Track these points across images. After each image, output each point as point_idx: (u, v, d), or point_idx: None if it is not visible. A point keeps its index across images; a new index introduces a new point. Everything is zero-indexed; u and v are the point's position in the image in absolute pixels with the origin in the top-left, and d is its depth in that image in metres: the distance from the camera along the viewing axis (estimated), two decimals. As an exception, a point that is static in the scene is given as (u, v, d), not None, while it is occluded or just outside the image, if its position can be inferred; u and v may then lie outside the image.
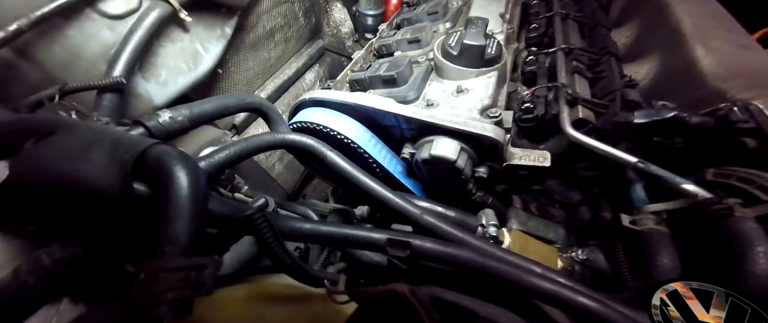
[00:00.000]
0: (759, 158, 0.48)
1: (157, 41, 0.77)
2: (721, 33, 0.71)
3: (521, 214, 0.80)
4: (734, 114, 0.45)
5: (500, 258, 0.46)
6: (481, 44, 0.77)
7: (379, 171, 0.82)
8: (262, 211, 0.31)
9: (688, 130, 0.48)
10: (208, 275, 0.26)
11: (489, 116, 0.70)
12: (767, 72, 0.61)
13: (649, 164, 0.49)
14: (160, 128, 0.44)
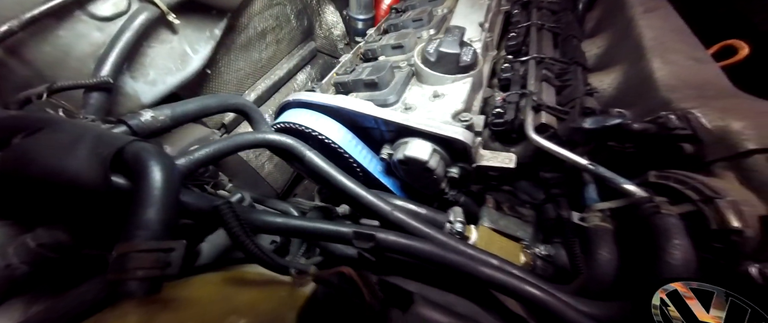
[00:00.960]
0: (695, 162, 0.53)
1: (146, 42, 0.80)
2: (679, 46, 0.76)
3: (493, 213, 0.84)
4: (671, 121, 0.50)
5: (459, 251, 0.50)
6: (456, 52, 0.82)
7: (360, 171, 0.86)
8: (229, 203, 0.34)
9: (633, 136, 0.53)
10: (175, 256, 0.29)
11: (460, 120, 0.74)
12: (714, 84, 0.66)
13: (598, 167, 0.54)
14: (142, 127, 0.48)
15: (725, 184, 0.48)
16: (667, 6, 0.93)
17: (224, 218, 0.33)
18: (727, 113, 0.52)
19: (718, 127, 0.50)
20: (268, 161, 1.56)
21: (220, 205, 0.34)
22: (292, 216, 0.50)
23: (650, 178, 0.53)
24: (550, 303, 0.41)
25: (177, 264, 0.29)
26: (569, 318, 0.39)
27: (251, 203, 0.69)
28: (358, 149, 0.86)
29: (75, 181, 0.32)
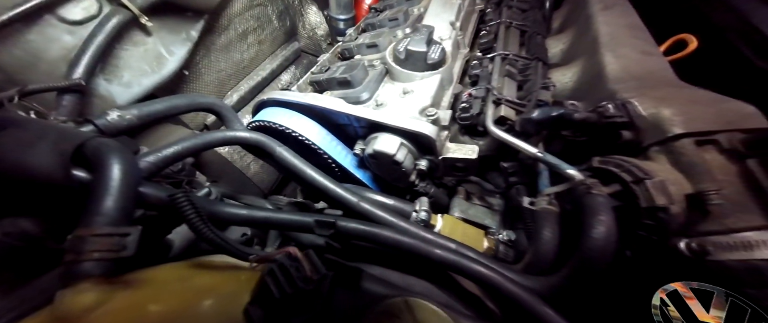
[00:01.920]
0: (634, 147, 0.58)
1: (119, 44, 0.81)
2: (630, 41, 0.81)
3: (463, 203, 0.88)
4: (609, 110, 0.54)
5: (415, 236, 0.54)
6: (423, 50, 0.85)
7: (335, 167, 0.89)
8: (185, 193, 0.37)
9: (577, 125, 0.57)
10: (130, 240, 0.32)
11: (427, 115, 0.78)
12: (658, 75, 0.71)
13: (547, 155, 0.58)
14: (109, 126, 0.50)
15: (657, 166, 0.53)
16: (624, 3, 0.98)
17: (180, 206, 0.36)
18: (661, 102, 0.56)
19: (652, 114, 0.55)
20: (254, 162, 1.57)
21: (175, 194, 0.37)
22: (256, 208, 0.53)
23: (594, 163, 0.57)
24: (492, 277, 0.44)
25: (132, 247, 0.32)
26: (506, 290, 0.42)
27: (220, 197, 0.71)
28: (333, 145, 0.89)
29: (37, 174, 0.35)
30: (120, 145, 0.38)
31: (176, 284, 0.36)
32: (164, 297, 0.34)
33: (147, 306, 0.31)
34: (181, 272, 0.39)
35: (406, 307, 0.31)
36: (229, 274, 0.41)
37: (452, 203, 0.89)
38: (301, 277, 0.31)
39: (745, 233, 0.47)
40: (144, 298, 0.32)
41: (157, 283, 0.35)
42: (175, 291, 0.35)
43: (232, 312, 0.35)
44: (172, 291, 0.35)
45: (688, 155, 0.51)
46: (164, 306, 0.33)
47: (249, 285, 0.38)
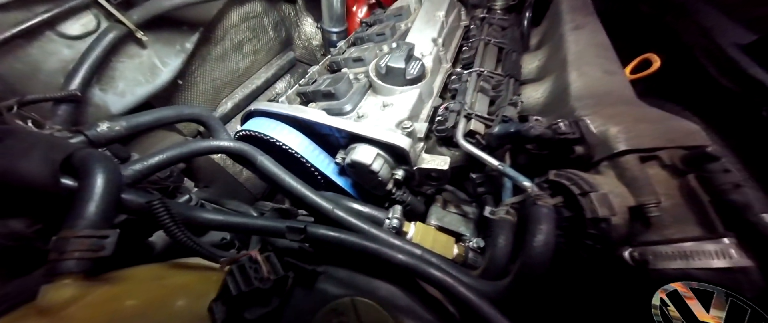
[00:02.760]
0: (586, 162, 0.62)
1: (115, 57, 0.87)
2: (595, 60, 0.87)
3: (440, 211, 0.93)
4: (560, 127, 0.59)
5: (381, 242, 0.57)
6: (401, 67, 0.91)
7: (318, 175, 0.93)
8: (161, 199, 0.41)
9: (532, 139, 0.62)
10: (109, 242, 0.36)
11: (403, 127, 0.83)
12: (616, 94, 0.76)
13: (506, 167, 0.63)
14: (98, 136, 0.54)
15: (603, 180, 0.57)
16: (595, 23, 1.04)
17: (156, 212, 0.40)
18: (610, 119, 0.61)
19: (601, 131, 0.60)
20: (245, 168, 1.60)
21: (151, 200, 0.41)
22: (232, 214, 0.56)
23: (550, 176, 0.62)
24: (445, 281, 0.48)
25: (110, 248, 0.36)
26: (457, 292, 0.46)
27: (200, 203, 0.75)
28: (316, 155, 0.94)
29: (29, 181, 0.39)
30: (105, 155, 0.42)
31: (151, 282, 0.40)
32: (139, 293, 0.38)
33: (123, 300, 0.35)
34: (157, 271, 0.43)
35: (351, 306, 0.35)
36: (201, 274, 0.45)
37: (430, 212, 0.93)
38: (258, 277, 0.35)
39: (683, 243, 0.52)
40: (120, 293, 0.36)
41: (133, 281, 0.39)
42: (150, 288, 0.39)
43: (201, 309, 0.39)
44: (147, 288, 0.39)
45: (631, 170, 0.56)
46: (139, 301, 0.36)
47: (218, 285, 0.42)
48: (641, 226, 0.54)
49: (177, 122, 0.72)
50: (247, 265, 0.35)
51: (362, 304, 0.35)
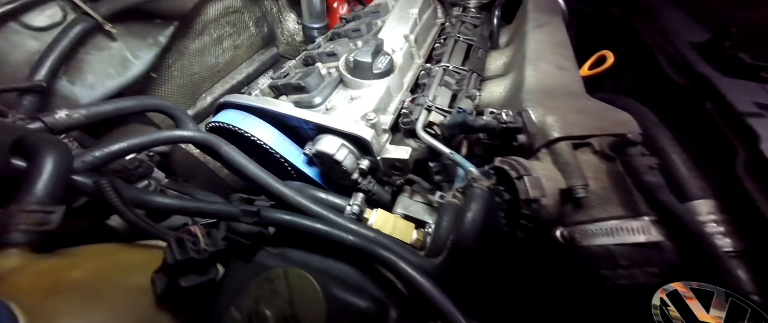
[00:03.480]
0: (527, 149, 0.67)
1: (84, 49, 0.88)
2: (551, 57, 0.92)
3: (406, 200, 0.97)
4: (502, 117, 0.63)
5: (333, 224, 0.61)
6: (368, 61, 0.94)
7: (288, 166, 0.96)
8: (110, 182, 0.43)
9: (478, 129, 0.66)
10: (54, 217, 0.39)
11: (367, 119, 0.86)
12: (565, 88, 0.81)
13: (454, 155, 0.67)
14: (56, 123, 0.56)
15: (540, 165, 0.62)
16: (556, 23, 1.09)
17: (104, 192, 0.43)
18: (550, 110, 0.66)
19: (540, 121, 0.64)
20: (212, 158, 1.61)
21: (100, 181, 0.44)
22: (187, 198, 0.59)
23: (495, 162, 0.66)
24: (387, 258, 0.52)
25: (55, 222, 0.39)
26: (397, 267, 0.50)
27: (160, 189, 0.78)
28: (285, 146, 0.97)
29: (-20, 162, 0.41)
30: (56, 139, 0.45)
31: (100, 257, 0.43)
32: (86, 266, 0.40)
33: (68, 271, 0.38)
34: (107, 248, 0.45)
35: (283, 274, 0.38)
36: (151, 253, 0.47)
37: (397, 201, 0.97)
38: (195, 249, 0.38)
39: (606, 222, 0.56)
40: (66, 265, 0.39)
41: (81, 255, 0.42)
42: (97, 262, 0.42)
43: (146, 283, 0.41)
44: (94, 262, 0.41)
45: (564, 155, 0.60)
46: (84, 273, 0.39)
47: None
48: (572, 207, 0.58)
49: (139, 111, 0.74)
50: (185, 238, 0.38)
51: (293, 272, 0.39)
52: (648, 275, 0.51)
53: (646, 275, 0.51)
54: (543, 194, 0.56)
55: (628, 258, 0.52)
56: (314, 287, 0.37)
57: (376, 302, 0.45)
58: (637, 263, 0.51)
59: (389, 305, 0.48)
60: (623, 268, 0.52)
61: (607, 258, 0.53)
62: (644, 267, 0.51)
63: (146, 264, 0.46)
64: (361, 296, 0.41)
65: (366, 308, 0.39)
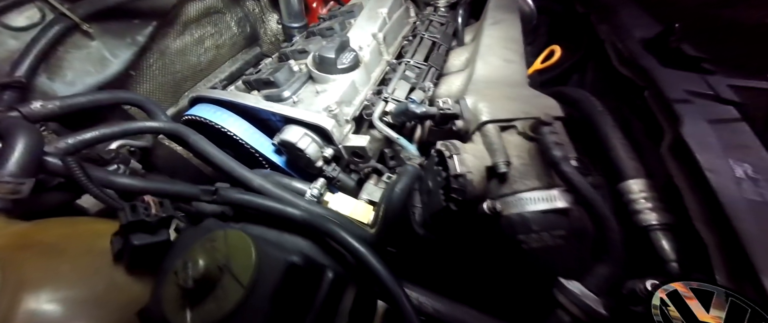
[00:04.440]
0: (464, 133, 0.75)
1: (63, 48, 0.94)
2: (500, 52, 1.00)
3: (371, 187, 1.03)
4: (439, 104, 0.71)
5: (286, 203, 0.68)
6: (331, 57, 1.02)
7: (258, 156, 1.03)
8: (77, 162, 0.50)
9: (419, 116, 0.73)
10: (25, 188, 0.45)
11: (329, 110, 0.93)
12: (507, 79, 0.89)
13: (400, 139, 0.74)
14: (31, 113, 0.63)
15: (472, 146, 0.69)
16: (511, 20, 1.17)
17: (71, 170, 0.49)
18: (483, 98, 0.73)
19: (473, 107, 0.72)
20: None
21: (68, 161, 0.50)
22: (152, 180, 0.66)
23: (437, 146, 0.74)
24: (330, 229, 0.59)
25: (26, 191, 0.45)
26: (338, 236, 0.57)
27: (129, 172, 0.84)
28: (256, 137, 1.03)
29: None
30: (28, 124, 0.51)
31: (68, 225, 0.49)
32: (54, 231, 0.47)
33: (37, 234, 0.45)
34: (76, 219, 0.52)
35: (223, 235, 0.45)
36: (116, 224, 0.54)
37: (363, 188, 1.04)
38: (146, 213, 0.44)
39: (524, 193, 0.64)
40: (36, 230, 0.45)
41: (50, 223, 0.48)
42: (65, 228, 0.48)
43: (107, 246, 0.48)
44: (62, 229, 0.48)
45: (491, 136, 0.68)
46: (52, 236, 0.46)
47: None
48: (496, 182, 0.66)
49: (113, 104, 0.81)
50: (138, 204, 0.45)
51: (233, 233, 0.45)
52: (555, 238, 0.58)
53: (554, 238, 0.58)
54: (469, 170, 0.64)
55: (539, 224, 0.59)
56: (249, 244, 0.44)
57: (310, 261, 0.52)
58: (546, 227, 0.59)
59: (327, 267, 0.55)
60: (535, 232, 0.59)
61: (522, 225, 0.61)
62: (552, 231, 0.59)
63: (109, 231, 0.53)
64: (295, 255, 0.48)
65: (296, 263, 0.45)
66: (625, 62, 1.14)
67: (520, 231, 0.61)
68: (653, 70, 1.04)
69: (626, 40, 1.19)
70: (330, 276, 0.54)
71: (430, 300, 0.69)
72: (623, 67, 1.14)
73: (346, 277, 0.62)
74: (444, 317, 0.66)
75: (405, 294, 0.53)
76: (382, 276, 0.54)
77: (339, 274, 0.56)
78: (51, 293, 0.38)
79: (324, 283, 0.53)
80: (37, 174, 0.49)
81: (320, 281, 0.53)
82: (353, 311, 0.62)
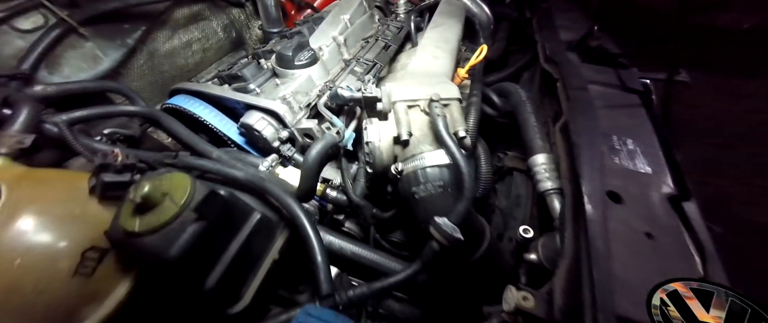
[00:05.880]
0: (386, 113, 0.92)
1: (61, 47, 1.13)
2: (432, 50, 1.18)
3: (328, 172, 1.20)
4: (363, 90, 0.89)
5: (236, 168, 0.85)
6: (288, 54, 1.20)
7: (227, 139, 1.21)
8: (67, 123, 0.67)
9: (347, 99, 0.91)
10: (27, 140, 0.62)
11: (282, 98, 1.11)
12: (429, 71, 1.07)
13: (333, 117, 0.92)
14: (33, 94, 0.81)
15: (387, 122, 0.87)
16: (449, 24, 1.37)
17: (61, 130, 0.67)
18: (399, 83, 0.91)
19: (390, 91, 0.90)
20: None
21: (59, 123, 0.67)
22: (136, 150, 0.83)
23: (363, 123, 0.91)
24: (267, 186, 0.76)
25: (28, 143, 0.63)
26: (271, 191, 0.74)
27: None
28: (223, 122, 1.21)
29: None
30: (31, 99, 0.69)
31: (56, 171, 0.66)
32: (49, 173, 0.64)
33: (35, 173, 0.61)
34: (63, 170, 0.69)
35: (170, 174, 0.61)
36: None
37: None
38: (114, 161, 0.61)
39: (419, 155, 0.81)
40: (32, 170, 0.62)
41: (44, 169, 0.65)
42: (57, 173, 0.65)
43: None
44: (55, 173, 0.65)
45: (399, 113, 0.85)
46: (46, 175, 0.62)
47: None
48: (401, 148, 0.83)
49: (100, 91, 0.99)
50: (108, 154, 0.62)
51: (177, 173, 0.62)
52: (436, 187, 0.75)
53: (435, 187, 0.75)
54: (378, 139, 0.81)
55: (426, 177, 0.76)
56: (188, 180, 0.60)
57: (238, 200, 0.69)
58: (430, 179, 0.76)
59: (255, 210, 0.72)
60: (423, 184, 0.76)
61: (415, 179, 0.78)
62: (434, 182, 0.75)
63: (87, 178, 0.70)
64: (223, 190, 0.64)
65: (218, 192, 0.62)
66: (548, 60, 1.33)
67: (414, 184, 0.78)
68: (565, 65, 1.23)
69: (551, 41, 1.39)
70: (257, 216, 0.71)
71: (349, 245, 0.86)
72: (547, 64, 1.33)
73: (278, 224, 0.78)
74: (359, 258, 0.82)
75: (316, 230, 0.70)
76: (293, 211, 0.71)
77: (267, 217, 0.73)
78: (39, 208, 0.55)
79: (251, 220, 0.69)
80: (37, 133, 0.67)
81: (248, 219, 0.70)
82: (284, 250, 0.78)
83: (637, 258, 0.62)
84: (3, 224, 0.51)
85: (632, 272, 0.59)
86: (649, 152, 0.90)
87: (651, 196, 0.78)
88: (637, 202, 0.76)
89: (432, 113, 0.78)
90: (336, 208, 1.08)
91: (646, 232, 0.69)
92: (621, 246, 0.63)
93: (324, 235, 0.85)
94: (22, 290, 0.49)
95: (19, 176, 0.59)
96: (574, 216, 0.74)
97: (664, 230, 0.70)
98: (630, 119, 1.07)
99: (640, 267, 0.60)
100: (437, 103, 0.79)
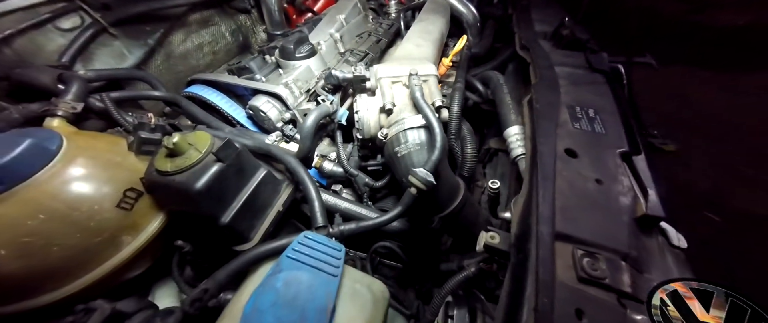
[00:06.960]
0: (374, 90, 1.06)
1: (94, 44, 1.30)
2: (415, 39, 1.33)
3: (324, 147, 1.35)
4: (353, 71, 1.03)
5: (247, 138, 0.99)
6: (290, 47, 1.36)
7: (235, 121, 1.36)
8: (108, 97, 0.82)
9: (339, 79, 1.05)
10: (79, 106, 0.77)
11: (284, 83, 1.27)
12: (411, 55, 1.22)
13: (328, 95, 1.06)
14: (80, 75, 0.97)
15: (374, 97, 1.01)
16: (433, 19, 1.52)
17: (104, 101, 0.82)
18: (385, 64, 1.06)
19: (376, 71, 1.04)
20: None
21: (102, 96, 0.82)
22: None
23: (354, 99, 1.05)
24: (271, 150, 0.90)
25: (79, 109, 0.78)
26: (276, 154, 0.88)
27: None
28: (233, 108, 1.36)
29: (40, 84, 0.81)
30: (80, 75, 0.84)
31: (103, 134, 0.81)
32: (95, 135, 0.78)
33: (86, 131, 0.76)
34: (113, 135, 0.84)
35: (195, 132, 0.76)
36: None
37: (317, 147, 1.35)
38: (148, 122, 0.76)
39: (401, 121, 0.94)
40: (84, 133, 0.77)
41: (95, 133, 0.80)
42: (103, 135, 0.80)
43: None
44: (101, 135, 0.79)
45: (384, 87, 1.00)
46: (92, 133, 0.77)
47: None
48: (385, 116, 0.97)
49: (129, 78, 1.15)
50: (144, 117, 0.77)
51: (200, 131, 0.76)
52: (415, 145, 0.88)
53: (414, 145, 0.88)
54: (367, 108, 0.95)
55: (405, 137, 0.89)
56: (209, 135, 0.74)
57: (248, 155, 0.82)
58: (408, 139, 0.89)
59: (262, 166, 0.86)
60: (403, 144, 0.89)
61: (397, 140, 0.91)
62: (413, 141, 0.89)
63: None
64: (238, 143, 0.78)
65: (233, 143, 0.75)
66: (522, 47, 1.47)
67: (396, 145, 0.91)
68: (536, 50, 1.37)
69: (526, 31, 1.54)
70: (264, 170, 0.85)
71: (342, 202, 0.99)
72: (521, 51, 1.47)
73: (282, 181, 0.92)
74: (350, 212, 0.95)
75: (311, 177, 0.83)
76: (293, 164, 0.85)
77: (272, 174, 0.87)
78: (91, 155, 0.69)
79: (259, 173, 0.83)
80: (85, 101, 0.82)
81: (256, 172, 0.83)
82: (287, 205, 0.92)
83: (584, 196, 0.74)
84: (66, 164, 0.65)
85: (573, 202, 0.72)
86: (609, 120, 1.02)
87: (605, 152, 0.90)
88: (590, 157, 0.88)
89: (411, 84, 0.92)
90: (333, 180, 1.21)
91: (597, 178, 0.81)
92: (570, 188, 0.75)
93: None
94: (80, 208, 0.62)
95: (74, 132, 0.74)
96: (532, 166, 0.86)
97: (611, 176, 0.82)
98: (594, 95, 1.20)
99: (584, 200, 0.72)
100: (416, 77, 0.93)
